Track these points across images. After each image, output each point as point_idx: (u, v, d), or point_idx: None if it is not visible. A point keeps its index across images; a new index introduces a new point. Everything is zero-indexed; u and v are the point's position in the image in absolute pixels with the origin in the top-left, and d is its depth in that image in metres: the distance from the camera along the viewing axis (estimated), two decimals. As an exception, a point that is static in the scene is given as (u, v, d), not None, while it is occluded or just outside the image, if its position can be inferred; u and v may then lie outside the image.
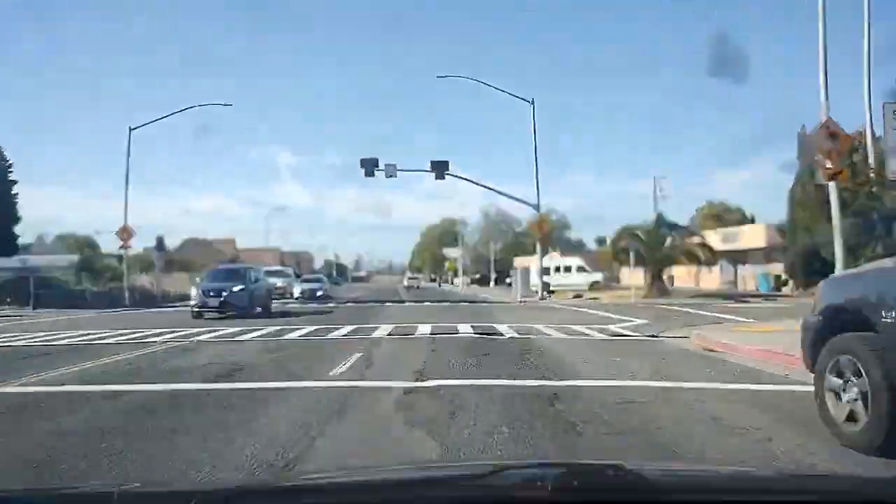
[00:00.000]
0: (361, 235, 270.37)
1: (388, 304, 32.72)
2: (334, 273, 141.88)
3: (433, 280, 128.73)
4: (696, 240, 33.49)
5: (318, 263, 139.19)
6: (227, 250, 78.42)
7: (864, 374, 4.98)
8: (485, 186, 36.13)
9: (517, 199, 35.71)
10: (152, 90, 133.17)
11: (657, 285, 33.54)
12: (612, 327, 17.23)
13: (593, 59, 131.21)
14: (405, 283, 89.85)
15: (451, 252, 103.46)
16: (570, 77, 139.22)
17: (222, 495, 1.68)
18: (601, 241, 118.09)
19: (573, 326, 17.26)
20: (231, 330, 17.08)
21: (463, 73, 46.97)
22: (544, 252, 37.25)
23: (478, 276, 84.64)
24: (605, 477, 1.83)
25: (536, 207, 35.11)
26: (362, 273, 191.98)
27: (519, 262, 77.15)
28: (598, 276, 45.99)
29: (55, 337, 16.38)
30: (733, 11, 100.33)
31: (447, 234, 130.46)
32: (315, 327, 17.80)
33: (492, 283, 74.94)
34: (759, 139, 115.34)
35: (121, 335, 16.18)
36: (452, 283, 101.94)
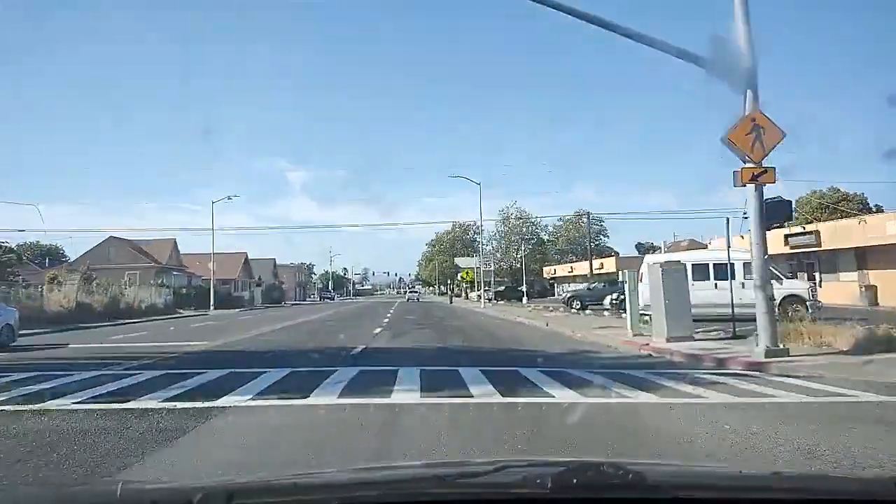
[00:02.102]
0: (371, 249, 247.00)
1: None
2: (330, 286, 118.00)
3: (443, 294, 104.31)
4: None
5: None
6: (160, 253, 54.27)
7: None
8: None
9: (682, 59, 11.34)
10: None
11: None
12: None
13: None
14: (406, 297, 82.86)
15: (466, 261, 78.77)
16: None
17: (224, 492, 1.56)
18: (645, 248, 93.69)
19: None
20: None
21: None
22: (777, 216, 11.73)
23: (503, 288, 60.08)
24: (604, 475, 1.67)
25: (750, 77, 10.79)
26: (368, 286, 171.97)
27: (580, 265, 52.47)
28: (800, 288, 20.58)
29: None
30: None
31: (460, 241, 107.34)
32: None
33: (525, 299, 50.93)
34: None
35: None
36: (467, 296, 77.44)
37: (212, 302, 48.79)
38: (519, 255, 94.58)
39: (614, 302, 25.58)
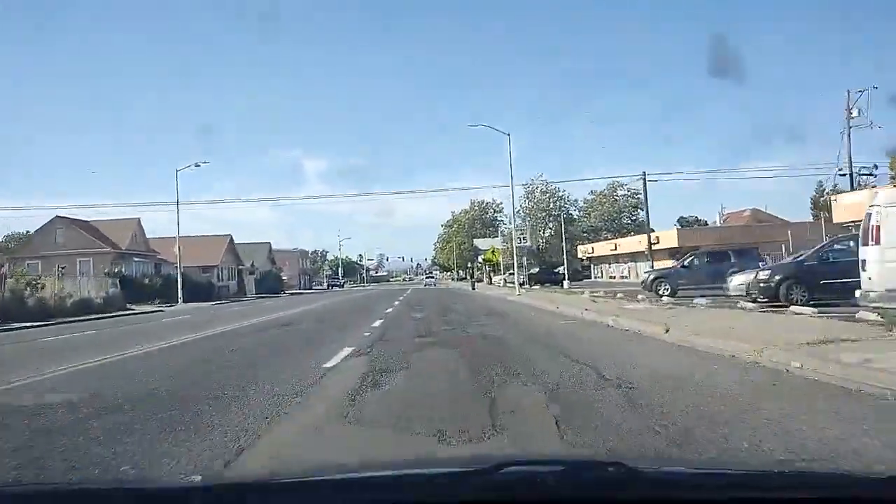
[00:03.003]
0: (388, 235, 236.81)
1: None
2: (339, 272, 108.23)
3: (462, 279, 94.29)
4: None
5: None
6: (121, 236, 44.59)
7: None
8: None
9: None
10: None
11: None
12: None
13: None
14: (424, 283, 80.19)
15: (486, 242, 69.42)
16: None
17: (222, 492, 1.57)
18: (688, 222, 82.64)
19: None
20: None
21: None
22: None
23: (535, 270, 49.59)
24: (605, 474, 1.63)
25: None
26: (383, 273, 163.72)
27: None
28: None
29: None
30: None
31: (479, 221, 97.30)
32: None
33: (566, 283, 40.65)
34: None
35: None
36: (490, 281, 67.43)
37: (180, 294, 39.24)
38: (546, 234, 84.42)
39: (764, 284, 15.19)
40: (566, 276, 41.69)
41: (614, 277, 61.21)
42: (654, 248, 44.60)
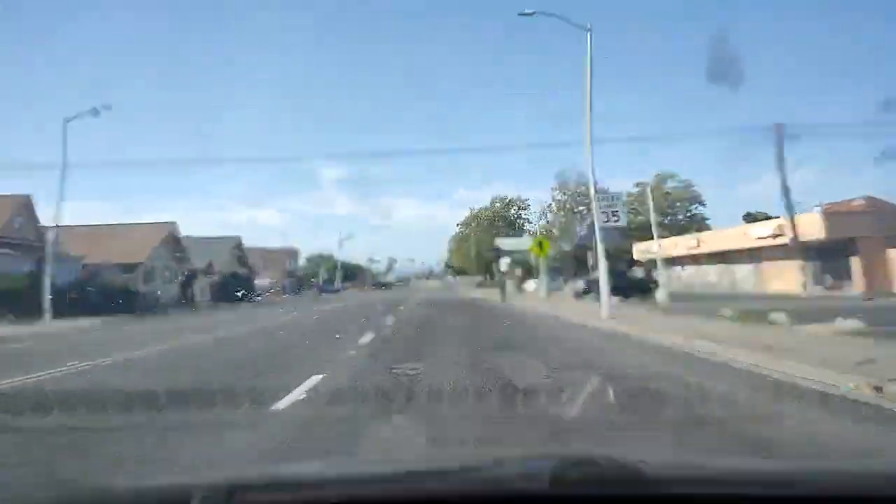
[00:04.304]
0: (398, 238, 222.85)
1: None
2: (337, 276, 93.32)
3: (481, 285, 79.28)
4: None
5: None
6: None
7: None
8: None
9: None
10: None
11: None
12: None
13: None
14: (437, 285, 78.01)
15: (512, 242, 55.41)
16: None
17: (225, 488, 1.50)
18: (755, 218, 66.96)
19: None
20: None
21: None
22: None
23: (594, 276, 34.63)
24: (603, 470, 1.57)
25: None
26: (392, 277, 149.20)
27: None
28: None
29: None
30: None
31: (501, 219, 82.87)
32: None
33: (660, 294, 25.71)
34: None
35: None
36: (521, 287, 52.52)
37: (46, 305, 24.64)
38: (578, 233, 69.95)
39: None
40: (654, 285, 26.80)
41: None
42: (779, 241, 29.74)
